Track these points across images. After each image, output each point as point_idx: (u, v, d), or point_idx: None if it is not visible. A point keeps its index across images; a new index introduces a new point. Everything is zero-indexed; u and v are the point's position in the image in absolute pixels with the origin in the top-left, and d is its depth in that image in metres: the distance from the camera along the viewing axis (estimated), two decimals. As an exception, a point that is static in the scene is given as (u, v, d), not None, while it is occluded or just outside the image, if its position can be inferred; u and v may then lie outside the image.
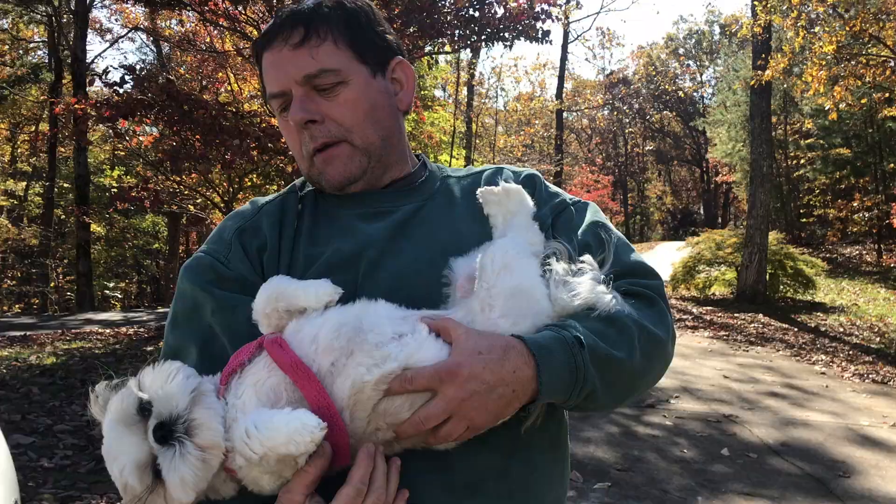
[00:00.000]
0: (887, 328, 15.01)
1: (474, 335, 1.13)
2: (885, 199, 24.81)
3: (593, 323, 1.19)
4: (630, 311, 1.23)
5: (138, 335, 12.07)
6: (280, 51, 1.33)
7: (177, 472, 0.98)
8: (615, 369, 1.18)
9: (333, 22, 1.34)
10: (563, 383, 1.13)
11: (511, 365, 1.10)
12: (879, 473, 6.16)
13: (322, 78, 1.31)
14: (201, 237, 35.75)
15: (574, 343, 1.14)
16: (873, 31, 13.86)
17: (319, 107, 1.33)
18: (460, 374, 1.08)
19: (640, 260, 1.37)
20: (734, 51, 38.34)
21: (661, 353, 1.29)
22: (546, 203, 1.43)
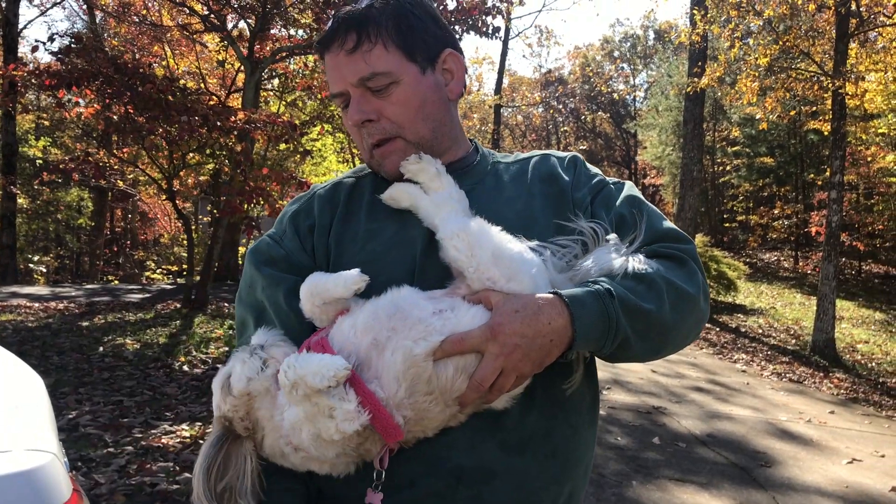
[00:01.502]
0: (802, 331, 15.75)
1: (511, 298, 1.27)
2: (805, 208, 25.88)
3: (623, 280, 1.31)
4: (658, 268, 1.34)
5: (70, 310, 11.81)
6: (337, 55, 1.45)
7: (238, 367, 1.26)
8: (646, 320, 1.29)
9: (383, 25, 1.43)
10: (596, 330, 1.25)
11: (546, 317, 1.23)
12: (797, 464, 6.57)
13: (375, 80, 1.42)
14: (126, 214, 34.84)
15: (605, 294, 1.26)
16: (804, 47, 14.51)
17: (374, 106, 1.44)
18: (502, 332, 1.22)
19: (671, 227, 1.47)
20: (668, 57, 39.27)
21: (693, 308, 1.37)
22: (586, 184, 1.56)
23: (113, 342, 8.93)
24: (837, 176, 13.49)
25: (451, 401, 1.26)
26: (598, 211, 1.49)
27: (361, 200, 1.55)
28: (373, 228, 1.48)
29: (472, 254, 1.30)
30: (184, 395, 6.81)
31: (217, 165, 13.33)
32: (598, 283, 1.29)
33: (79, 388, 6.66)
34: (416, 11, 1.49)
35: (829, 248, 13.43)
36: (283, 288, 1.44)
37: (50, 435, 2.04)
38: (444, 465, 1.32)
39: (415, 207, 1.42)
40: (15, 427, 2.00)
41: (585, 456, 1.47)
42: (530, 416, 1.36)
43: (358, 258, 1.44)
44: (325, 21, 13.12)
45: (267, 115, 10.85)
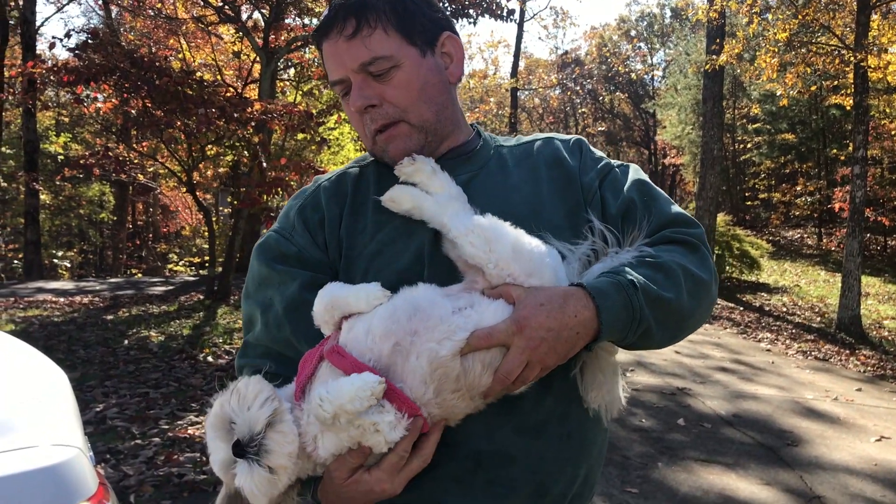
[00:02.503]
0: (827, 308, 15.61)
1: (534, 291, 1.26)
2: (827, 184, 25.55)
3: (642, 269, 1.32)
4: (673, 256, 1.36)
5: (94, 304, 11.93)
6: (336, 42, 1.43)
7: (247, 484, 1.14)
8: (666, 309, 1.30)
9: (382, 9, 1.42)
10: (621, 322, 1.26)
11: (571, 310, 1.23)
12: (824, 443, 6.52)
13: (376, 65, 1.41)
14: (148, 207, 35.11)
15: (629, 285, 1.27)
16: (824, 20, 14.29)
17: (376, 91, 1.42)
18: (528, 326, 1.22)
19: (680, 211, 1.49)
20: (686, 35, 38.87)
21: (707, 293, 1.41)
22: (592, 167, 1.55)
23: (137, 335, 9.02)
24: (861, 151, 13.30)
25: (477, 395, 1.26)
26: (605, 195, 1.49)
27: (367, 191, 1.53)
28: (381, 220, 1.47)
29: (490, 249, 1.29)
30: (208, 385, 6.87)
31: (236, 157, 13.38)
32: (620, 273, 1.29)
33: (105, 382, 6.74)
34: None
35: (854, 223, 13.26)
36: (299, 282, 1.44)
37: (75, 429, 2.06)
38: (463, 450, 1.34)
39: (418, 209, 1.39)
40: (40, 422, 2.03)
41: (599, 437, 1.49)
42: (546, 400, 1.36)
43: (368, 249, 1.43)
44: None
45: (283, 106, 10.87)
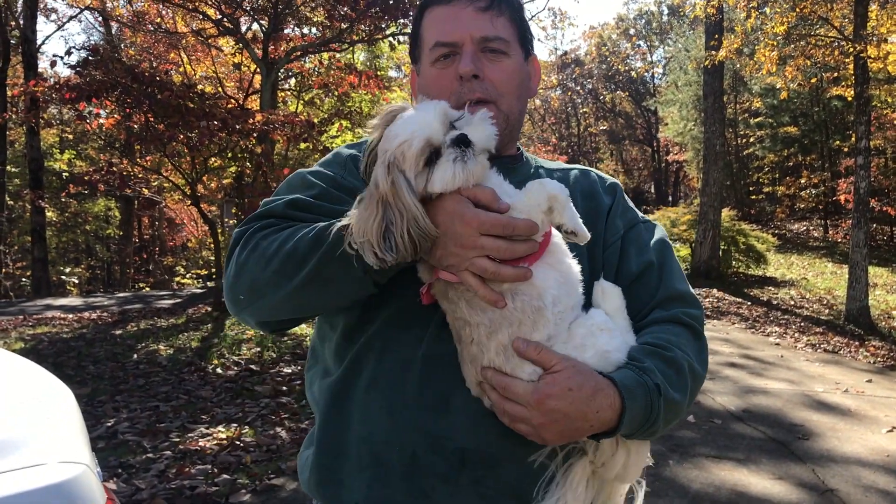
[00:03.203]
0: (835, 300, 15.57)
1: (570, 370, 1.26)
2: (831, 175, 25.53)
3: (659, 363, 1.34)
4: (684, 351, 1.40)
5: (103, 319, 11.97)
6: (463, 9, 1.52)
7: (451, 167, 1.24)
8: (675, 409, 1.35)
9: (511, 2, 1.56)
10: (637, 424, 1.29)
11: (596, 405, 1.24)
12: (836, 435, 6.50)
13: (495, 43, 1.52)
14: (153, 221, 35.19)
15: (654, 390, 1.29)
16: (822, 12, 14.27)
17: (483, 66, 1.51)
18: (545, 405, 1.24)
19: (687, 289, 1.54)
20: (685, 31, 38.85)
21: (699, 388, 1.46)
22: (623, 215, 1.61)
23: (146, 349, 9.05)
24: (863, 141, 13.28)
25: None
26: (629, 248, 1.55)
27: None
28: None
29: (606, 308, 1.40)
30: (218, 397, 6.89)
31: (239, 168, 13.42)
32: (647, 372, 1.31)
33: (115, 396, 6.76)
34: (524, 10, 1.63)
35: (859, 214, 13.23)
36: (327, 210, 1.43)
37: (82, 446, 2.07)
38: (449, 446, 1.36)
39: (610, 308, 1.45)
40: (48, 440, 2.04)
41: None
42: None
43: None
44: (337, 18, 13.15)
45: (285, 116, 10.90)
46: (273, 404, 6.63)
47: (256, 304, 1.38)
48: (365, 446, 1.40)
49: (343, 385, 1.46)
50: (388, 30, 13.84)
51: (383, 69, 23.29)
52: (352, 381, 1.45)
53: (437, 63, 1.54)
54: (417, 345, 1.40)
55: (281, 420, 6.15)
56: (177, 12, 19.84)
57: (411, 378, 1.38)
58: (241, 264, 1.38)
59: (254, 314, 1.43)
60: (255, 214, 1.47)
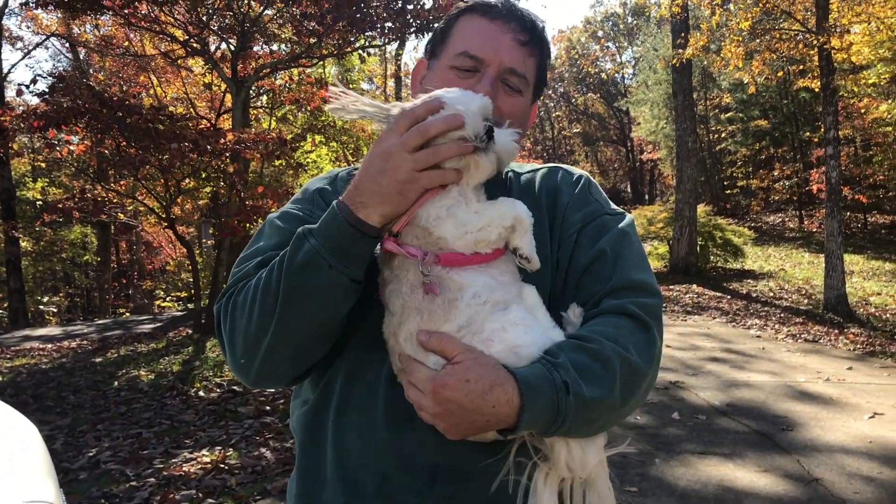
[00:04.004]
0: (814, 290, 15.71)
1: (470, 361, 1.24)
2: (804, 166, 25.78)
3: (581, 356, 1.28)
4: (616, 343, 1.31)
5: (83, 348, 11.86)
6: (504, 33, 1.53)
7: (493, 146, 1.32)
8: (595, 408, 1.26)
9: (541, 48, 1.59)
10: (542, 422, 1.23)
11: (493, 399, 1.20)
12: (819, 424, 6.55)
13: (517, 80, 1.54)
14: (131, 245, 34.92)
15: (562, 388, 1.22)
16: (784, 6, 14.45)
17: (498, 95, 1.51)
18: (440, 395, 1.22)
19: (643, 278, 1.46)
20: (653, 31, 39.16)
21: (641, 383, 1.35)
22: (581, 209, 1.56)
23: (127, 375, 8.97)
24: (832, 131, 13.44)
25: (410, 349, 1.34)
26: (583, 240, 1.50)
27: None
28: None
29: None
30: (201, 420, 6.84)
31: (214, 188, 13.37)
32: (558, 368, 1.25)
33: (97, 425, 6.69)
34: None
35: (832, 204, 13.38)
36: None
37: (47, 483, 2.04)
38: (419, 462, 1.36)
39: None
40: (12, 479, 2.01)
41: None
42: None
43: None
44: (305, 35, 13.14)
45: (256, 134, 10.89)
46: (257, 425, 6.59)
47: (256, 359, 1.35)
48: (339, 471, 1.40)
49: (316, 412, 1.47)
50: (356, 43, 13.85)
51: (355, 82, 23.31)
52: (324, 407, 1.46)
53: (456, 70, 1.54)
54: (381, 366, 1.40)
55: (265, 440, 6.11)
56: (144, 35, 19.80)
57: (378, 399, 1.38)
58: (230, 331, 1.38)
59: (263, 372, 1.39)
60: (228, 284, 1.46)
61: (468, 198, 1.34)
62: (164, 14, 13.47)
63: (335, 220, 1.29)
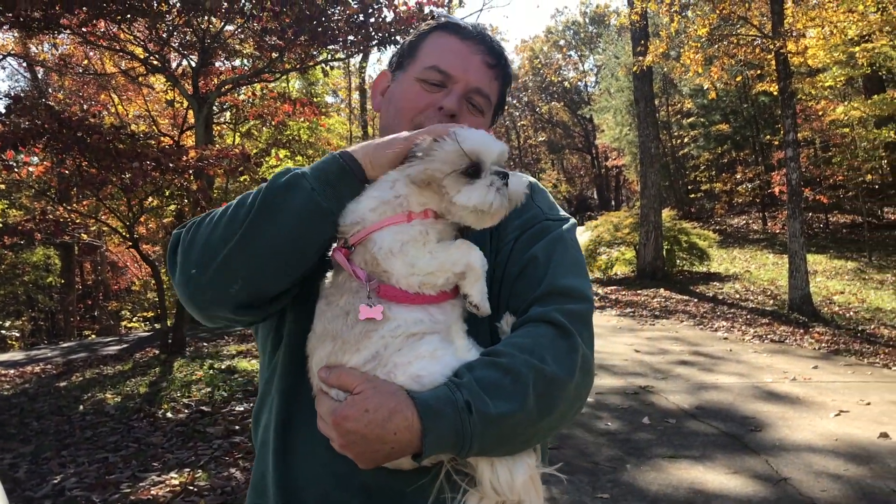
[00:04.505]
0: (779, 290, 15.92)
1: (370, 391, 1.24)
2: (765, 169, 26.16)
3: (490, 372, 1.26)
4: (536, 350, 1.29)
5: (46, 372, 11.63)
6: (474, 53, 1.61)
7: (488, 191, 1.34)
8: (505, 423, 1.24)
9: (505, 75, 1.68)
10: (449, 444, 1.22)
11: (393, 427, 1.20)
12: (786, 424, 6.63)
13: (481, 100, 1.61)
14: (95, 266, 34.39)
15: (464, 408, 1.21)
16: (741, 12, 14.69)
17: (461, 111, 1.59)
18: (342, 427, 1.22)
19: (572, 283, 1.43)
20: (613, 39, 39.59)
21: (561, 393, 1.31)
22: (521, 216, 1.54)
23: (93, 398, 8.81)
24: (791, 134, 13.67)
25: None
26: (518, 247, 1.50)
27: None
28: None
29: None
30: (169, 442, 6.73)
31: (178, 206, 13.22)
32: (461, 388, 1.24)
33: (61, 452, 6.55)
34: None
35: (793, 205, 13.59)
36: None
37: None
38: (354, 482, 1.37)
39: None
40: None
41: None
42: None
43: None
44: (267, 49, 13.08)
45: (219, 150, 10.79)
46: (226, 445, 6.50)
47: (210, 268, 1.32)
48: (281, 489, 1.42)
49: (265, 433, 1.51)
50: (319, 56, 13.82)
51: (319, 95, 23.27)
52: (269, 428, 1.49)
53: (423, 83, 1.59)
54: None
55: (235, 460, 6.03)
56: (104, 53, 19.57)
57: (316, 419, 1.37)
58: (188, 244, 1.37)
59: (212, 286, 1.34)
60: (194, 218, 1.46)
61: (428, 237, 1.35)
62: (124, 32, 13.33)
63: (330, 157, 1.37)
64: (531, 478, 1.31)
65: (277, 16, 11.29)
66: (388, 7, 12.09)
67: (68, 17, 11.51)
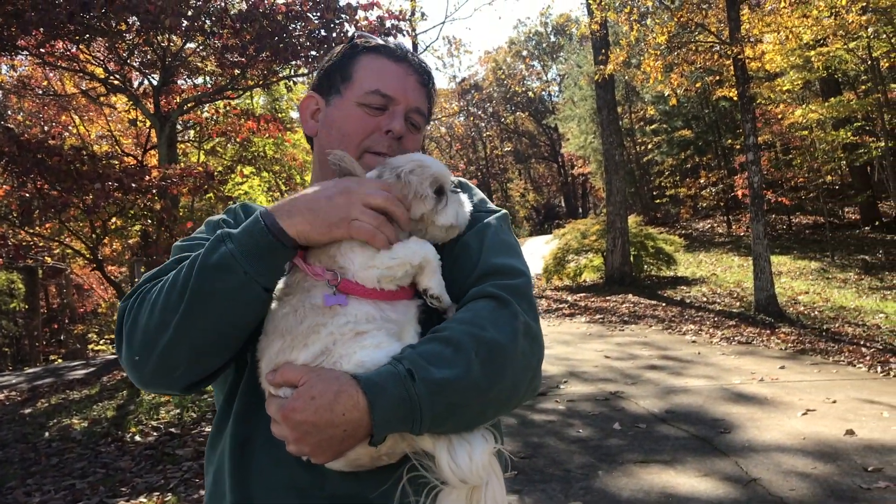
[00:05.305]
0: (745, 292, 16.12)
1: (313, 379, 1.25)
2: (728, 173, 26.51)
3: (430, 345, 1.28)
4: (475, 321, 1.31)
5: (10, 399, 11.42)
6: (409, 74, 1.66)
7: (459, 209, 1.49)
8: (452, 389, 1.24)
9: (432, 93, 1.74)
10: (398, 418, 1.21)
11: (340, 408, 1.20)
12: (755, 425, 6.71)
13: (419, 118, 1.68)
14: (61, 289, 33.88)
15: (406, 376, 1.21)
16: (698, 19, 14.92)
17: (405, 132, 1.64)
18: (292, 419, 1.22)
19: (505, 262, 1.46)
20: (575, 48, 39.97)
21: (506, 358, 1.31)
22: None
23: (59, 424, 8.67)
24: (751, 138, 13.88)
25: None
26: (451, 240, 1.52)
27: None
28: None
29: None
30: (138, 466, 6.64)
31: (143, 226, 13.11)
32: (402, 360, 1.25)
33: (27, 480, 6.43)
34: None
35: (755, 208, 13.79)
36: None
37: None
38: (318, 494, 1.37)
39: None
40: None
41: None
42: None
43: None
44: (229, 66, 13.03)
45: (182, 169, 10.71)
46: (196, 466, 6.43)
47: (153, 356, 1.33)
48: None
49: (220, 457, 1.50)
50: (282, 72, 13.79)
51: (283, 111, 23.19)
52: (225, 450, 1.47)
53: (365, 108, 1.61)
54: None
55: (204, 483, 5.96)
56: (63, 74, 19.36)
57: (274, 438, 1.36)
58: (131, 325, 1.36)
59: (158, 372, 1.36)
60: (139, 283, 1.45)
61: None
62: (83, 52, 13.22)
63: (256, 225, 1.32)
64: (490, 458, 1.29)
65: (238, 33, 11.28)
66: (349, 22, 12.11)
67: (25, 39, 11.39)
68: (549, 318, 15.19)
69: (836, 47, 15.40)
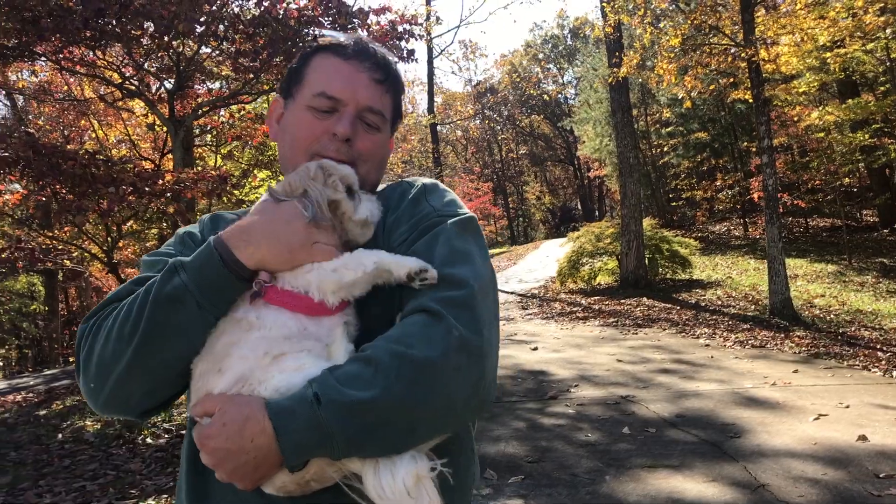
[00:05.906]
0: (760, 296, 16.00)
1: (227, 406, 1.24)
2: (744, 175, 26.34)
3: (350, 366, 1.25)
4: (394, 346, 1.25)
5: (28, 401, 11.53)
6: (360, 72, 1.58)
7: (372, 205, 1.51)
8: (367, 411, 1.20)
9: (396, 86, 1.67)
10: (311, 443, 1.19)
11: (248, 434, 1.20)
12: (766, 430, 6.66)
13: (375, 117, 1.60)
14: (81, 292, 34.16)
15: (313, 401, 1.19)
16: (712, 21, 14.85)
17: (357, 133, 1.57)
18: (207, 446, 1.23)
19: (450, 272, 1.37)
20: (591, 51, 39.86)
21: (434, 376, 1.24)
22: (410, 219, 1.52)
23: (72, 426, 8.74)
24: (766, 140, 13.79)
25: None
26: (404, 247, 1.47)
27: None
28: None
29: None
30: (148, 468, 6.69)
31: (160, 230, 13.21)
32: (313, 384, 1.22)
33: (39, 481, 6.49)
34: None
35: (770, 210, 13.69)
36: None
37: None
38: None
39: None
40: None
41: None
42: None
43: None
44: (243, 70, 13.10)
45: (196, 173, 10.78)
46: (206, 469, 6.46)
47: (107, 385, 1.33)
48: None
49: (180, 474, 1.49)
50: (294, 77, 13.82)
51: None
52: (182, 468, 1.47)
53: (314, 111, 1.56)
54: None
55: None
56: (82, 79, 19.54)
57: None
58: (87, 352, 1.36)
59: (113, 401, 1.36)
60: (98, 306, 1.44)
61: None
62: (99, 58, 13.33)
63: (210, 257, 1.31)
64: (418, 478, 1.23)
65: (251, 37, 11.33)
66: (361, 26, 12.14)
67: (42, 45, 11.51)
68: (563, 322, 15.16)
69: (854, 49, 15.26)
